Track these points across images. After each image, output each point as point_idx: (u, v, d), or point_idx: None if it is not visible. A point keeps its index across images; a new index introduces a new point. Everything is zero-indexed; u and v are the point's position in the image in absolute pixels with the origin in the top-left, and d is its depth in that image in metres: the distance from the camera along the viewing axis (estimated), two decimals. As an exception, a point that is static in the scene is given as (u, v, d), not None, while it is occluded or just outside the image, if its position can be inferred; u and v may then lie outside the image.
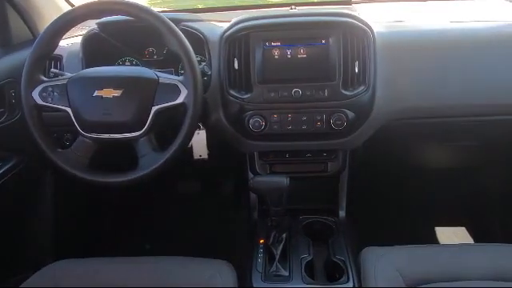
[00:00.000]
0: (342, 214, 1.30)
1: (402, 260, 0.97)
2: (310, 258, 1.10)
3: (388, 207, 1.70)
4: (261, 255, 1.11)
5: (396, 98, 1.18)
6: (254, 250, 1.13)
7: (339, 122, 1.15)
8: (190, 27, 1.21)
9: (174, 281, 0.94)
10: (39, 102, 0.99)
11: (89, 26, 1.28)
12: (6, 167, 1.22)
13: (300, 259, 1.08)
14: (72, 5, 1.50)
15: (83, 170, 1.01)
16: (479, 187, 1.76)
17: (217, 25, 1.28)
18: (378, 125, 1.20)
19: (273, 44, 1.15)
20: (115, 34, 1.28)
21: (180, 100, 0.98)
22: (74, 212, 1.58)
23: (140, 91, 0.99)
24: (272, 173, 1.28)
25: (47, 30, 1.00)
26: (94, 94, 0.98)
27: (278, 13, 1.38)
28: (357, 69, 1.14)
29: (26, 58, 1.00)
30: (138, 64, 1.34)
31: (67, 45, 1.29)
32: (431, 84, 1.19)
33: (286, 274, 1.04)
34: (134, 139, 1.00)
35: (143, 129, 0.99)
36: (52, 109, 1.00)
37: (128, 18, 1.02)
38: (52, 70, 1.17)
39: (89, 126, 1.00)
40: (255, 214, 1.33)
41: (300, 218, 1.26)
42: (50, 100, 1.00)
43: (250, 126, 1.17)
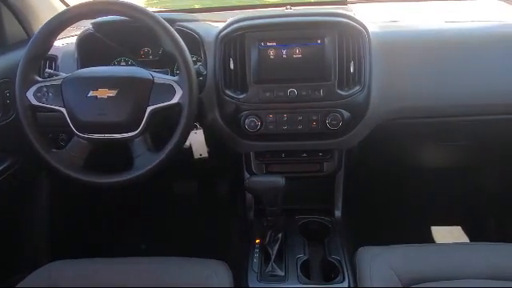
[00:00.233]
0: (338, 213, 1.30)
1: (397, 259, 0.97)
2: (305, 257, 1.10)
3: (384, 207, 1.70)
4: (257, 255, 1.11)
5: (391, 97, 1.18)
6: (250, 250, 1.13)
7: (335, 122, 1.15)
8: (185, 27, 1.21)
9: (170, 281, 0.94)
10: (34, 102, 0.99)
11: (84, 26, 1.28)
12: (1, 168, 1.21)
13: (296, 259, 1.09)
14: (67, 5, 1.50)
15: (78, 170, 1.01)
16: (475, 187, 1.77)
17: (212, 25, 1.28)
18: (373, 125, 1.20)
19: (268, 44, 1.15)
20: (110, 34, 1.28)
21: (175, 100, 0.98)
22: (69, 212, 1.57)
23: (135, 91, 0.99)
24: (268, 173, 1.29)
25: (42, 29, 1.00)
26: (89, 95, 0.98)
27: (273, 13, 1.38)
28: (352, 69, 1.15)
29: (21, 58, 1.00)
30: (133, 64, 1.34)
31: (62, 45, 1.29)
32: (426, 84, 1.19)
33: (282, 273, 1.05)
34: (129, 139, 1.00)
35: (138, 129, 0.99)
36: (46, 109, 1.00)
37: (123, 18, 1.02)
38: (47, 70, 1.17)
39: (83, 127, 1.00)
40: (251, 214, 1.33)
41: (296, 217, 1.27)
42: (44, 100, 0.99)
43: (245, 126, 1.17)
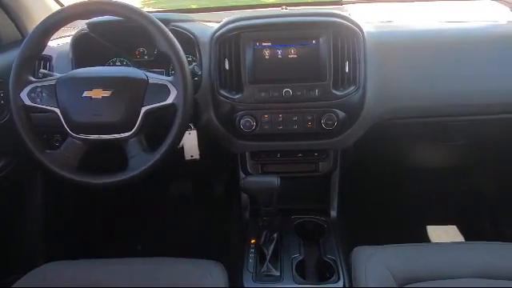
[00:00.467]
0: (334, 213, 1.30)
1: (392, 259, 0.97)
2: (301, 257, 1.10)
3: (379, 207, 1.71)
4: (252, 255, 1.11)
5: (386, 97, 1.19)
6: (245, 250, 1.13)
7: (330, 122, 1.15)
8: (179, 27, 1.21)
9: (165, 282, 0.94)
10: (27, 102, 0.99)
11: (79, 26, 1.28)
12: (-5, 169, 1.21)
13: (291, 259, 1.09)
14: (62, 5, 1.49)
15: (72, 170, 1.00)
16: (470, 186, 1.77)
17: (207, 25, 1.28)
18: (368, 124, 1.21)
19: (263, 44, 1.15)
20: (105, 35, 1.28)
21: (170, 100, 0.97)
22: (64, 213, 1.57)
23: (129, 91, 0.98)
24: (263, 173, 1.28)
25: (36, 30, 1.00)
26: (83, 95, 0.97)
27: (268, 13, 1.38)
28: (347, 69, 1.15)
29: (15, 59, 0.99)
30: (128, 64, 1.33)
31: (57, 45, 1.29)
32: (421, 84, 1.19)
33: (277, 273, 1.05)
34: (124, 140, 0.99)
35: (133, 129, 0.99)
36: (40, 110, 1.00)
37: (118, 18, 1.02)
38: (41, 70, 1.16)
39: (78, 127, 1.00)
40: (247, 214, 1.33)
41: (291, 217, 1.27)
42: (38, 101, 0.99)
43: (241, 126, 1.16)
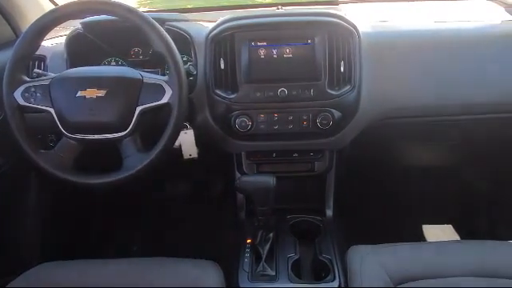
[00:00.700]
0: (329, 213, 1.30)
1: (387, 258, 0.97)
2: (296, 257, 1.10)
3: (375, 206, 1.71)
4: (248, 255, 1.11)
5: (381, 97, 1.19)
6: (241, 250, 1.12)
7: (325, 122, 1.15)
8: (175, 27, 1.21)
9: (161, 282, 0.93)
10: (21, 102, 0.98)
11: (73, 25, 1.27)
12: (-10, 169, 1.20)
13: (287, 258, 1.09)
14: (56, 4, 1.48)
15: (66, 171, 1.00)
16: (465, 185, 1.78)
17: (203, 25, 1.28)
18: (363, 124, 1.21)
19: (258, 44, 1.15)
20: (100, 34, 1.27)
21: (165, 100, 0.97)
22: (60, 213, 1.56)
23: (124, 91, 0.98)
24: (259, 172, 1.28)
25: (29, 29, 0.99)
26: (78, 95, 0.97)
27: (263, 13, 1.38)
28: (342, 68, 1.15)
29: (8, 59, 0.99)
30: (123, 64, 1.33)
31: (51, 45, 1.28)
32: (416, 84, 1.20)
33: (273, 273, 1.05)
34: (119, 140, 0.99)
35: (128, 129, 0.98)
36: (35, 109, 0.99)
37: (112, 17, 1.02)
38: (35, 70, 1.16)
39: (72, 127, 0.99)
40: (242, 214, 1.33)
41: (287, 217, 1.27)
42: (32, 101, 0.98)
43: (236, 126, 1.16)
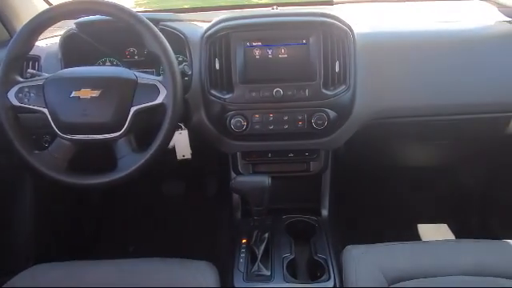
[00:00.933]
0: (325, 212, 1.31)
1: (383, 257, 0.98)
2: (292, 256, 1.10)
3: (370, 206, 1.72)
4: (243, 255, 1.10)
5: (376, 97, 1.19)
6: (236, 250, 1.12)
7: (320, 122, 1.15)
8: (169, 27, 1.21)
9: (156, 282, 0.93)
10: (15, 103, 0.98)
11: (68, 26, 1.27)
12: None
13: (282, 258, 1.09)
14: (50, 4, 1.48)
15: (60, 171, 0.99)
16: (459, 185, 1.79)
17: (197, 25, 1.27)
18: (358, 124, 1.21)
19: (254, 44, 1.15)
20: (94, 34, 1.27)
21: (159, 100, 0.97)
22: (55, 214, 1.55)
23: (118, 91, 0.98)
24: (254, 173, 1.28)
25: (23, 29, 0.99)
26: (72, 95, 0.97)
27: (258, 13, 1.38)
28: (337, 68, 1.15)
29: (2, 59, 0.98)
30: (118, 64, 1.33)
31: (45, 45, 1.27)
32: (411, 84, 1.20)
33: (268, 273, 1.04)
34: (113, 140, 0.99)
35: (122, 129, 0.98)
36: (28, 110, 0.99)
37: (107, 17, 1.01)
38: (29, 70, 1.15)
39: (66, 128, 0.99)
40: (238, 214, 1.33)
41: (283, 217, 1.27)
42: (26, 101, 0.98)
43: (231, 126, 1.16)
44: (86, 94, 0.96)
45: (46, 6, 1.42)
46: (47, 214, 1.51)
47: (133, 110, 0.97)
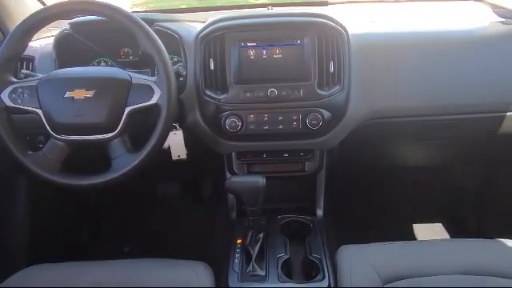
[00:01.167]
0: (320, 212, 1.31)
1: (377, 257, 0.98)
2: (286, 256, 1.10)
3: (365, 206, 1.72)
4: (238, 255, 1.11)
5: (371, 97, 1.20)
6: (231, 250, 1.12)
7: (315, 122, 1.16)
8: (164, 27, 1.21)
9: (151, 282, 0.93)
10: (8, 103, 0.97)
11: (62, 26, 1.26)
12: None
13: (277, 258, 1.09)
14: (44, 4, 1.47)
15: (54, 172, 0.99)
16: (454, 184, 1.80)
17: (192, 25, 1.27)
18: (353, 124, 1.21)
19: (248, 44, 1.15)
20: (89, 35, 1.27)
21: (153, 100, 0.97)
22: (49, 214, 1.55)
23: (113, 92, 0.98)
24: (249, 173, 1.28)
25: (17, 29, 0.98)
26: (66, 96, 0.96)
27: (253, 13, 1.38)
28: (332, 69, 1.15)
29: None
30: (113, 65, 1.33)
31: (39, 46, 1.27)
32: (405, 84, 1.21)
33: (263, 273, 1.05)
34: (107, 141, 0.99)
35: (116, 130, 0.98)
36: (22, 111, 0.98)
37: (101, 18, 1.01)
38: (22, 71, 1.15)
39: (60, 128, 0.98)
40: (233, 214, 1.33)
41: (278, 217, 1.27)
42: (19, 102, 0.98)
43: (226, 127, 1.16)
44: (80, 94, 0.96)
45: (40, 6, 1.42)
46: (42, 214, 1.50)
47: (127, 110, 0.97)
